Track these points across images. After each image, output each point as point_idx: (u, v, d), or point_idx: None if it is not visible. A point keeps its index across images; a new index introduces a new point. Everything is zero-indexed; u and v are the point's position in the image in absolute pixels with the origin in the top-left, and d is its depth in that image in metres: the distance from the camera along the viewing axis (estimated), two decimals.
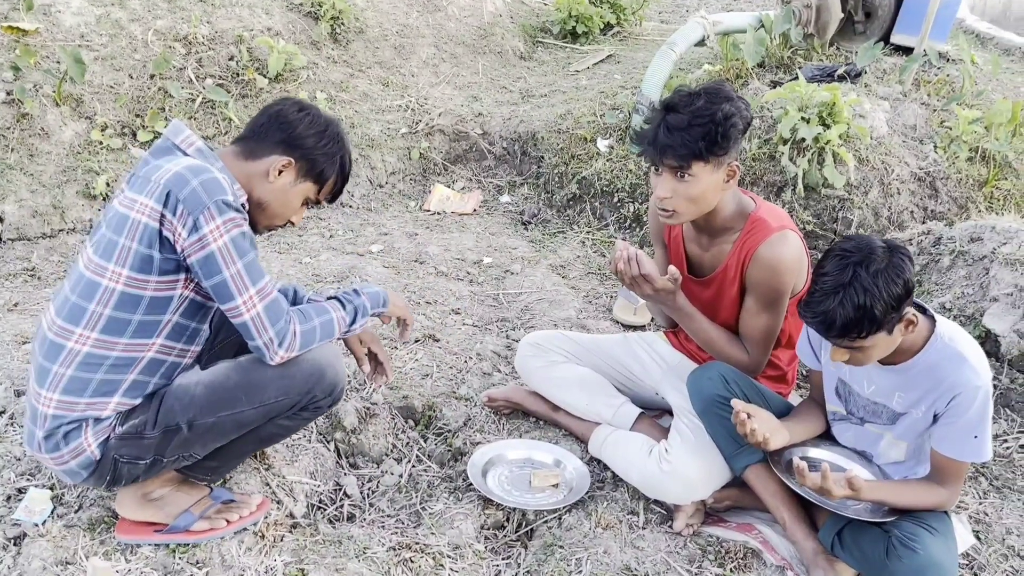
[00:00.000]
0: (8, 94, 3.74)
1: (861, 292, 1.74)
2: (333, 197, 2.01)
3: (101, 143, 3.87)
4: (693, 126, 1.99)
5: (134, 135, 3.99)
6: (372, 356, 2.22)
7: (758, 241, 2.13)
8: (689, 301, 2.22)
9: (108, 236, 1.75)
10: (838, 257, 1.80)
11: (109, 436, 1.81)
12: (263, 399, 1.86)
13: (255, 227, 1.92)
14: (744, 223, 2.17)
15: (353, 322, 1.98)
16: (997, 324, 2.73)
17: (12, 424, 2.34)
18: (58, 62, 3.91)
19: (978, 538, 2.22)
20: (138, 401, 1.83)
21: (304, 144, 1.88)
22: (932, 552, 1.84)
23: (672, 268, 2.12)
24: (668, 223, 2.16)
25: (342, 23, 5.04)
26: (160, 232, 1.70)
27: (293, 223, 1.97)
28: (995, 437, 2.60)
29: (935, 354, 1.90)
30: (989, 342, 2.73)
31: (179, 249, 1.71)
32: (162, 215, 1.69)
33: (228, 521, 1.99)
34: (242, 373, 1.87)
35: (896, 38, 4.69)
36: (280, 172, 1.86)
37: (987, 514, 2.32)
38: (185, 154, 1.80)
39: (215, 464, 2.02)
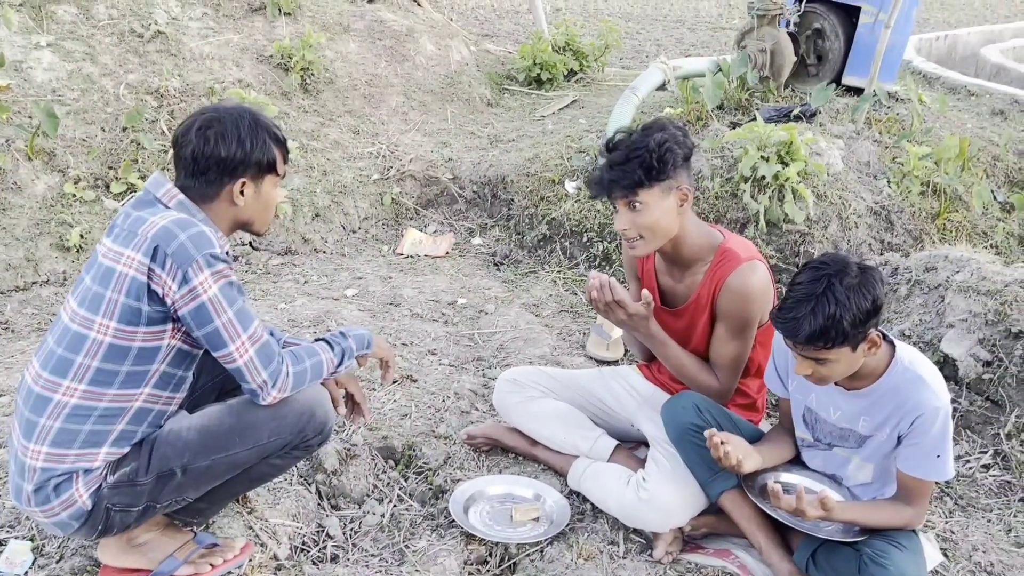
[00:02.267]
0: None
1: (832, 302, 1.82)
2: (286, 159, 1.99)
3: (74, 196, 3.90)
4: (630, 159, 2.14)
5: (107, 187, 4.02)
6: (349, 397, 2.21)
7: (728, 271, 2.23)
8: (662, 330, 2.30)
9: (94, 289, 1.77)
10: (813, 269, 1.89)
11: (101, 485, 1.80)
12: (256, 440, 1.88)
13: (257, 235, 2.00)
14: (714, 254, 2.27)
15: (340, 363, 1.99)
16: (954, 349, 2.84)
17: None
18: (30, 117, 3.95)
19: (946, 555, 2.29)
20: (127, 450, 1.83)
21: (240, 160, 1.85)
22: (902, 568, 1.90)
23: (645, 292, 2.22)
24: (635, 254, 2.27)
25: (312, 74, 5.14)
26: (149, 285, 1.73)
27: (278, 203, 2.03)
28: (958, 458, 2.69)
29: (896, 378, 1.99)
30: (947, 366, 2.84)
31: (169, 302, 1.74)
32: (150, 269, 1.72)
33: (212, 565, 2.00)
34: (234, 416, 1.89)
35: (847, 79, 4.90)
36: (242, 193, 1.88)
37: (953, 532, 2.39)
38: (167, 207, 1.82)
39: (203, 506, 2.03)
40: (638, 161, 2.13)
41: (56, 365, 1.77)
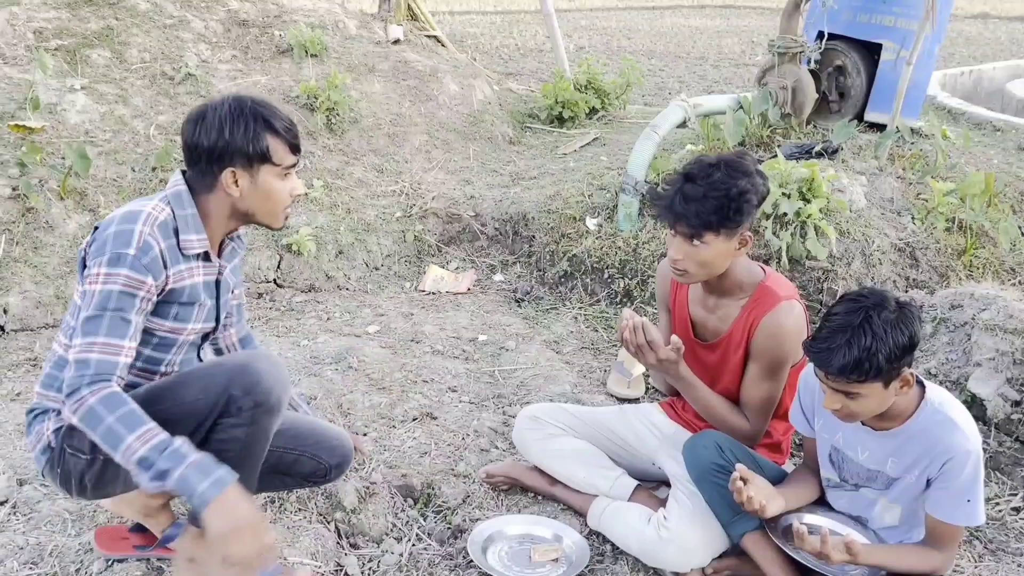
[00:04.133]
0: (13, 189, 3.85)
1: (869, 335, 1.79)
2: (296, 150, 1.92)
3: None
4: (708, 198, 2.08)
5: None
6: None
7: (765, 310, 2.21)
8: (693, 365, 2.28)
9: None
10: (851, 301, 1.86)
11: (62, 426, 1.87)
12: (184, 397, 1.83)
13: (270, 228, 1.99)
14: (753, 291, 2.26)
15: (148, 470, 1.64)
16: (982, 388, 2.79)
17: (14, 513, 2.35)
18: (63, 158, 4.05)
19: None
20: None
21: (223, 149, 1.83)
22: None
23: (675, 338, 2.20)
24: (680, 281, 2.27)
25: (337, 114, 5.23)
26: (84, 259, 1.83)
27: (297, 197, 1.96)
28: (987, 500, 2.63)
29: (926, 420, 1.96)
30: (975, 406, 2.79)
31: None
32: (89, 243, 1.83)
33: None
34: (177, 375, 1.90)
35: (870, 116, 4.89)
36: (235, 183, 1.87)
37: None
38: (165, 194, 1.89)
39: None
40: (715, 205, 2.08)
41: (63, 325, 1.92)
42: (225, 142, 1.82)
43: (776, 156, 4.08)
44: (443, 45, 7.16)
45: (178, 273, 1.88)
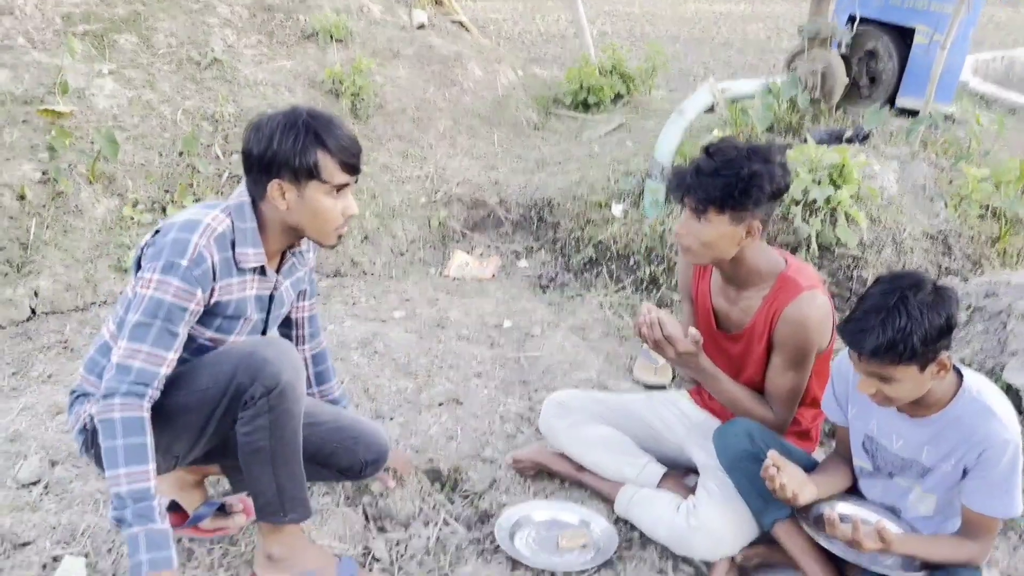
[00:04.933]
0: (43, 174, 3.89)
1: (904, 316, 1.75)
2: (350, 169, 1.87)
3: (132, 218, 4.00)
4: (718, 175, 2.06)
5: (163, 210, 4.12)
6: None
7: (787, 300, 2.18)
8: (716, 357, 2.26)
9: None
10: (887, 282, 1.83)
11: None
12: (194, 385, 1.85)
13: (320, 245, 1.97)
14: (774, 281, 2.22)
15: (115, 509, 1.73)
16: (1018, 378, 2.74)
17: (47, 493, 2.38)
18: (92, 142, 4.07)
19: None
20: None
21: (272, 159, 1.82)
22: None
23: (692, 331, 2.17)
24: (685, 259, 2.25)
25: (362, 99, 5.22)
26: (140, 259, 1.86)
27: (350, 217, 1.92)
28: None
29: (963, 408, 1.92)
30: (1010, 397, 2.72)
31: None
32: (147, 244, 1.86)
33: None
34: (189, 364, 1.89)
35: (901, 101, 4.81)
36: (283, 196, 1.86)
37: (1018, 569, 2.30)
38: (227, 204, 1.90)
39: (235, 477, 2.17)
40: (722, 182, 2.06)
41: (114, 315, 1.95)
42: (273, 153, 1.81)
43: (806, 141, 4.02)
44: (467, 30, 7.12)
45: (226, 287, 1.88)
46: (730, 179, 2.05)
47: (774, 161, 2.10)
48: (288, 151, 1.80)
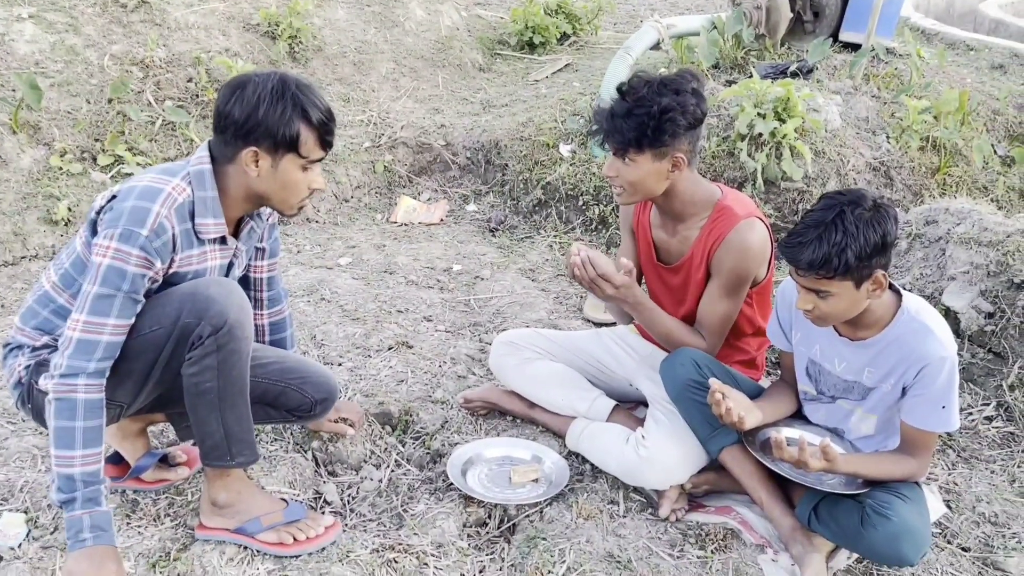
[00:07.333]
0: None
1: (840, 231, 1.78)
2: (328, 146, 1.86)
3: (61, 168, 3.83)
4: (631, 116, 2.06)
5: (94, 159, 3.96)
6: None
7: (725, 229, 2.18)
8: (659, 290, 2.26)
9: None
10: (828, 198, 1.87)
11: (32, 363, 1.87)
12: (139, 329, 1.79)
13: (280, 214, 1.94)
14: (710, 211, 2.22)
15: (59, 491, 1.72)
16: (956, 301, 2.81)
17: None
18: (13, 90, 3.87)
19: (949, 507, 2.27)
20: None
21: (255, 126, 1.76)
22: (906, 519, 1.88)
23: (623, 260, 2.15)
24: (618, 201, 2.25)
25: (300, 42, 5.05)
26: (95, 221, 1.80)
27: (315, 191, 1.91)
28: (961, 411, 2.66)
29: (902, 328, 1.95)
30: (949, 319, 2.80)
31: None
32: (102, 208, 1.79)
33: (295, 539, 2.00)
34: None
35: (844, 35, 4.82)
36: (256, 163, 1.81)
37: (957, 484, 2.38)
38: (187, 170, 1.83)
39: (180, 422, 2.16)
40: (635, 122, 2.05)
41: (56, 266, 1.91)
42: (256, 120, 1.76)
43: (752, 77, 4.01)
44: None
45: (186, 258, 1.84)
46: (642, 118, 2.04)
47: (686, 91, 2.09)
48: (274, 121, 1.76)
